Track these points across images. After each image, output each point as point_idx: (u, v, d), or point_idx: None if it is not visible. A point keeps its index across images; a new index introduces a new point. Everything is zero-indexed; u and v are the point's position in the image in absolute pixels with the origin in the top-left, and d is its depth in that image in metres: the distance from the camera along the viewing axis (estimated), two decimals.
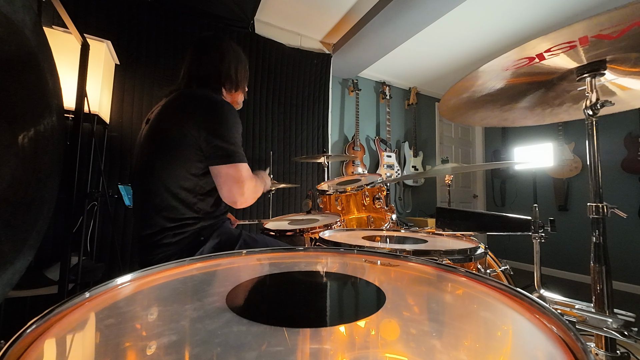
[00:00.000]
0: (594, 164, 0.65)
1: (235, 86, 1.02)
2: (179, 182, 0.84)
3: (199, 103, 0.86)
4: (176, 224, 0.85)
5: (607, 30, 0.51)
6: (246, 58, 1.07)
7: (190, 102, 0.87)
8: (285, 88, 2.70)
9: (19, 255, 0.76)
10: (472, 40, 2.98)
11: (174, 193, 0.84)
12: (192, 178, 0.85)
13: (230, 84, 1.01)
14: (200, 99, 0.88)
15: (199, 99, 0.87)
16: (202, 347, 0.27)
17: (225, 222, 0.96)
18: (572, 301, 0.66)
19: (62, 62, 1.30)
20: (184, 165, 0.84)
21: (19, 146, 0.72)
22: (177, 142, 0.83)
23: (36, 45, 0.74)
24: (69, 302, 0.35)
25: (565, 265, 3.30)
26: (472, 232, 0.87)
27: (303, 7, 2.50)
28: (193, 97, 0.89)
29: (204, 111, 0.85)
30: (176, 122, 0.84)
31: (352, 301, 0.44)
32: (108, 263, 1.83)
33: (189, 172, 0.84)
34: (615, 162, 2.96)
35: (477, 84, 0.75)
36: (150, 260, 0.85)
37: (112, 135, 1.92)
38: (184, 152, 0.83)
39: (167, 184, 0.84)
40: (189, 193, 0.85)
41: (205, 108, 0.85)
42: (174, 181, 0.84)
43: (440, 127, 4.23)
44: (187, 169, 0.84)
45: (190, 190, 0.85)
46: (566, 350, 0.27)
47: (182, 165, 0.83)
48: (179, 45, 2.19)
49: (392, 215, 1.47)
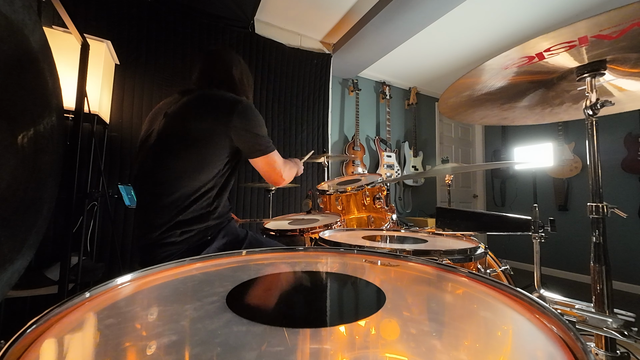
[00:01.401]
0: (594, 164, 0.65)
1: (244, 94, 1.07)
2: (200, 178, 0.85)
3: (228, 103, 0.88)
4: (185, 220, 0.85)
5: (606, 31, 0.51)
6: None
7: (218, 103, 0.89)
8: (285, 88, 2.70)
9: (19, 255, 0.76)
10: (472, 40, 2.98)
11: (191, 192, 0.85)
12: (212, 175, 0.87)
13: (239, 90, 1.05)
14: (228, 100, 0.90)
15: (227, 100, 0.90)
16: (202, 347, 0.27)
17: (231, 222, 0.96)
18: (572, 301, 0.66)
19: (62, 62, 1.30)
20: (209, 164, 0.85)
21: (19, 146, 0.72)
22: (203, 139, 0.84)
23: (36, 45, 0.74)
24: (69, 302, 0.35)
25: (565, 265, 3.30)
26: (472, 232, 0.87)
27: (303, 7, 2.50)
28: (220, 98, 0.91)
29: (235, 111, 0.87)
30: (203, 121, 0.85)
31: (352, 301, 0.44)
32: (108, 263, 1.83)
33: (213, 169, 0.86)
34: (615, 162, 2.96)
35: (477, 82, 0.75)
36: (153, 259, 0.84)
37: (112, 135, 1.92)
38: (209, 149, 0.85)
39: (185, 183, 0.84)
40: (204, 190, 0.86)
41: (235, 108, 0.87)
42: (193, 180, 0.85)
43: (440, 127, 4.23)
44: (212, 166, 0.86)
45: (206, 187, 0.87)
46: (566, 350, 0.27)
47: (206, 163, 0.85)
48: (178, 45, 2.19)
49: (392, 215, 1.47)
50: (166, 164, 0.85)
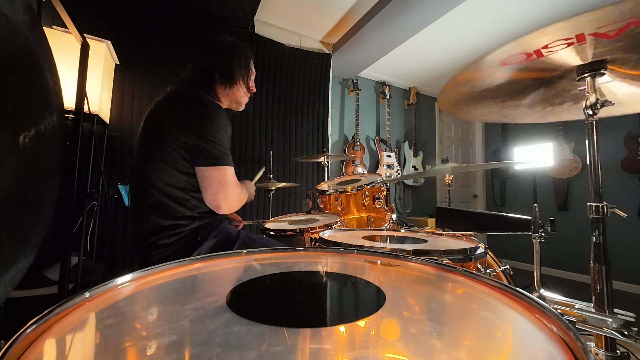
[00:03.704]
0: (594, 163, 0.65)
1: (230, 81, 0.98)
2: (167, 180, 0.84)
3: (185, 102, 0.86)
4: (171, 223, 0.85)
5: (604, 29, 0.51)
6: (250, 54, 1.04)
7: (176, 102, 0.87)
8: (285, 88, 2.70)
9: (21, 256, 0.76)
10: (472, 40, 2.97)
11: (165, 191, 0.84)
12: (180, 176, 0.85)
13: (223, 78, 0.97)
14: (187, 98, 0.87)
15: (185, 99, 0.87)
16: (202, 347, 0.27)
17: (222, 222, 0.95)
18: (572, 301, 0.66)
19: (62, 62, 1.30)
20: (171, 164, 0.83)
21: (20, 146, 0.72)
22: (162, 141, 0.83)
23: (36, 46, 0.74)
24: (69, 302, 0.35)
25: (565, 265, 3.30)
26: (472, 232, 0.87)
27: (303, 7, 2.50)
28: (180, 97, 0.88)
29: (189, 111, 0.84)
30: (163, 122, 0.85)
31: (352, 301, 0.44)
32: (108, 263, 1.83)
33: (176, 169, 0.84)
34: (615, 162, 2.96)
35: (476, 78, 0.75)
36: (149, 261, 0.85)
37: (112, 135, 1.92)
38: (168, 151, 0.83)
39: (156, 183, 0.84)
40: (180, 191, 0.85)
41: (191, 108, 0.85)
42: (162, 180, 0.84)
43: (440, 127, 4.23)
44: (174, 167, 0.84)
45: (181, 187, 0.85)
46: (566, 350, 0.27)
47: (168, 163, 0.83)
48: (178, 45, 2.19)
49: (392, 215, 1.47)
50: (143, 168, 0.86)
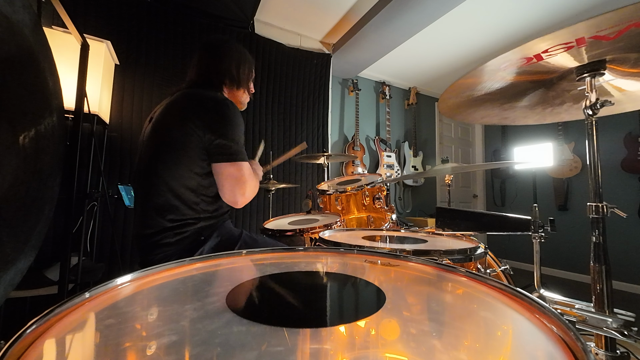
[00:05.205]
0: (593, 163, 0.65)
1: (236, 84, 1.02)
2: (182, 181, 0.84)
3: (203, 102, 0.87)
4: (177, 224, 0.85)
5: (604, 32, 0.51)
6: (253, 60, 1.08)
7: (193, 102, 0.88)
8: (285, 88, 2.70)
9: (21, 256, 0.76)
10: (472, 40, 2.97)
11: (177, 193, 0.84)
12: (195, 177, 0.85)
13: (231, 81, 1.01)
14: (204, 98, 0.88)
15: (202, 99, 0.88)
16: (202, 347, 0.27)
17: (225, 222, 0.96)
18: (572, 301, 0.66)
19: (62, 62, 1.30)
20: (188, 165, 0.84)
21: (20, 146, 0.72)
22: (181, 141, 0.83)
23: (36, 45, 0.74)
24: (69, 302, 0.35)
25: (565, 265, 3.30)
26: (472, 232, 0.87)
27: (303, 7, 2.50)
28: (196, 97, 0.89)
29: (207, 110, 0.85)
30: (179, 122, 0.85)
31: (352, 301, 0.44)
32: (108, 263, 1.83)
33: (192, 171, 0.84)
34: (615, 162, 2.96)
35: (477, 83, 0.75)
36: (151, 260, 0.85)
37: (112, 135, 1.92)
38: (187, 151, 0.83)
39: (170, 184, 0.84)
40: (192, 193, 0.86)
41: (209, 107, 0.86)
42: (177, 181, 0.84)
43: (440, 127, 4.23)
44: (191, 168, 0.84)
45: (193, 190, 0.86)
46: (566, 350, 0.27)
47: (185, 164, 0.84)
48: (178, 45, 2.19)
49: (392, 215, 1.47)
50: (153, 166, 0.85)
